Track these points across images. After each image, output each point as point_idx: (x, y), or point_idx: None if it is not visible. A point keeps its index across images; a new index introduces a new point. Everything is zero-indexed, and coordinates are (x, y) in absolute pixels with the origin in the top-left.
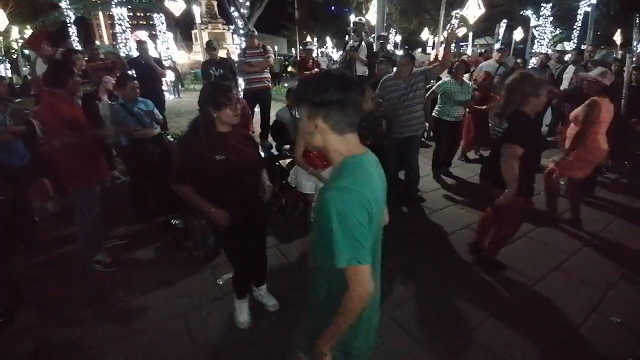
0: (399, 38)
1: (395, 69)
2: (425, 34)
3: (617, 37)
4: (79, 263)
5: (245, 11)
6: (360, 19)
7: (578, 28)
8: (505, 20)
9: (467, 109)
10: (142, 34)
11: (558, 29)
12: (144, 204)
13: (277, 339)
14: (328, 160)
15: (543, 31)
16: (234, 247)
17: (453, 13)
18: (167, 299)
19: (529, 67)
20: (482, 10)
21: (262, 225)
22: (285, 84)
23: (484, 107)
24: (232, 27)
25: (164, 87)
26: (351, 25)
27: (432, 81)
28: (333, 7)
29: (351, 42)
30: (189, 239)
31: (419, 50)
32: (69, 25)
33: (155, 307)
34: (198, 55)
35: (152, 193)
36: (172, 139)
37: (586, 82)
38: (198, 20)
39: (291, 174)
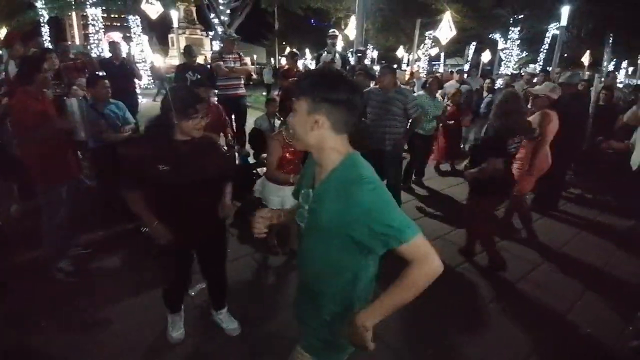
0: (375, 54)
1: (372, 82)
2: (400, 52)
3: (586, 58)
4: (42, 270)
5: (226, 18)
6: (333, 31)
7: (545, 50)
8: (474, 43)
9: (440, 124)
10: (116, 36)
11: (524, 52)
12: (113, 209)
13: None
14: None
15: (510, 54)
16: (170, 264)
17: (427, 34)
18: (135, 310)
19: (497, 87)
20: (454, 33)
21: (220, 252)
22: (263, 93)
23: (452, 122)
24: (211, 33)
25: (137, 90)
26: (328, 39)
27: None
28: (313, 20)
29: (324, 54)
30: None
31: (395, 66)
32: (42, 25)
33: (121, 317)
34: (174, 59)
35: (121, 198)
36: None
37: (533, 97)
38: (175, 24)
39: (257, 185)
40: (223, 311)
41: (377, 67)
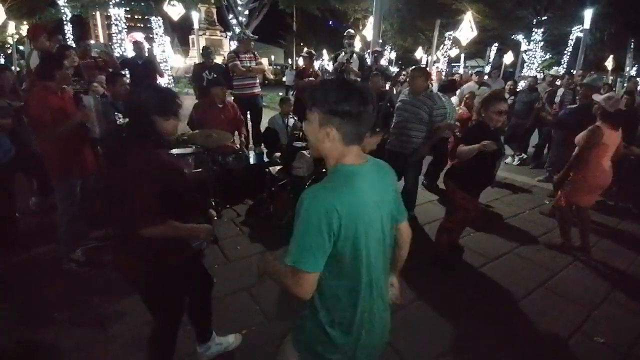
0: (393, 54)
1: (388, 83)
2: (419, 53)
3: (609, 63)
4: (57, 262)
5: (244, 19)
6: (350, 32)
7: (568, 53)
8: (496, 44)
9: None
10: (139, 36)
11: (548, 54)
12: None
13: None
14: None
15: (533, 55)
16: (178, 294)
17: (446, 34)
18: (144, 305)
19: (519, 89)
20: (475, 33)
21: (204, 268)
22: (280, 93)
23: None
24: (229, 34)
25: None
26: (345, 39)
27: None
28: (330, 22)
29: (342, 54)
30: None
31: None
32: (65, 22)
33: (131, 312)
34: (194, 60)
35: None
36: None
37: (596, 106)
38: (196, 25)
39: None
40: (212, 337)
41: (393, 69)
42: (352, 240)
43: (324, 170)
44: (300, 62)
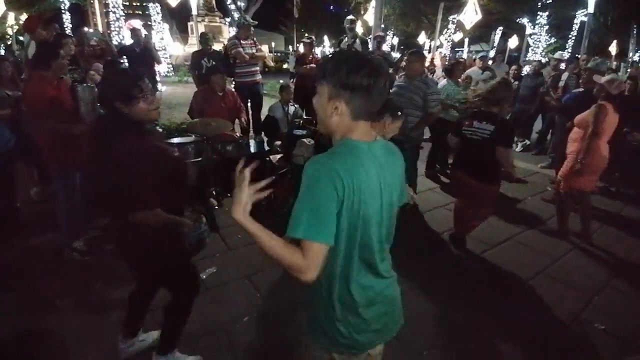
0: (396, 40)
1: (390, 69)
2: (422, 38)
3: (613, 48)
4: (58, 251)
5: (243, 4)
6: (350, 17)
7: (573, 37)
8: (501, 28)
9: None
10: (137, 23)
11: (553, 38)
12: None
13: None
14: None
15: (538, 39)
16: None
17: (450, 18)
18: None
19: (524, 74)
20: (479, 16)
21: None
22: (280, 81)
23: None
24: (229, 20)
25: (157, 78)
26: (345, 24)
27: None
28: (332, 7)
29: (345, 39)
30: None
31: None
32: (63, 11)
33: None
34: (193, 47)
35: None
36: (160, 130)
37: (597, 86)
38: (195, 12)
39: None
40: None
41: (395, 54)
42: (349, 214)
43: None
44: (301, 48)
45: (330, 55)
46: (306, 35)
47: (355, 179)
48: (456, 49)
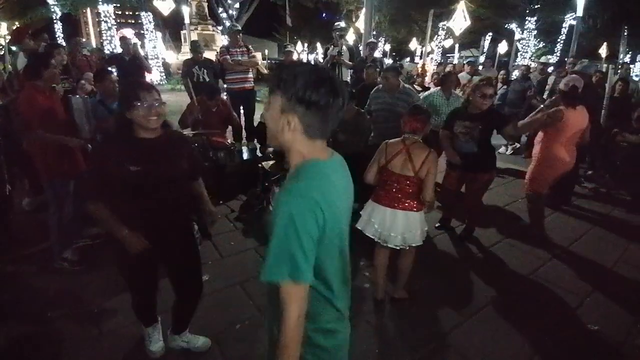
0: (387, 46)
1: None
2: (413, 44)
3: (603, 50)
4: (49, 262)
5: (234, 12)
6: (339, 24)
7: (562, 41)
8: (490, 34)
9: None
10: (129, 32)
11: (541, 42)
12: None
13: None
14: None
15: (527, 44)
16: (136, 272)
17: (440, 24)
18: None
19: (512, 78)
20: (468, 23)
21: (192, 255)
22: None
23: None
24: (220, 28)
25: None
26: (334, 32)
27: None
28: (324, 14)
29: (331, 47)
30: None
31: (407, 59)
32: (55, 21)
33: (123, 309)
34: (186, 55)
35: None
36: None
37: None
38: (187, 20)
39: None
40: (185, 332)
41: (388, 61)
42: (329, 238)
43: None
44: (284, 57)
45: (286, 65)
46: (285, 44)
47: (334, 206)
48: (447, 55)
